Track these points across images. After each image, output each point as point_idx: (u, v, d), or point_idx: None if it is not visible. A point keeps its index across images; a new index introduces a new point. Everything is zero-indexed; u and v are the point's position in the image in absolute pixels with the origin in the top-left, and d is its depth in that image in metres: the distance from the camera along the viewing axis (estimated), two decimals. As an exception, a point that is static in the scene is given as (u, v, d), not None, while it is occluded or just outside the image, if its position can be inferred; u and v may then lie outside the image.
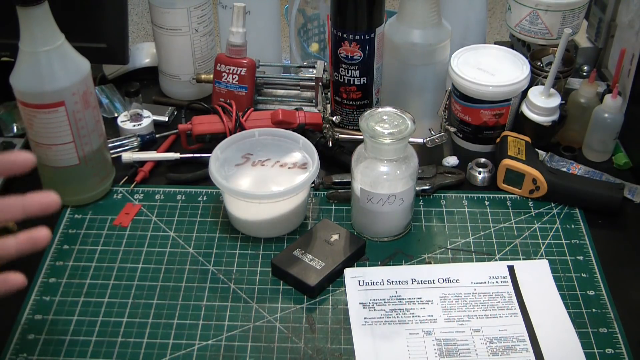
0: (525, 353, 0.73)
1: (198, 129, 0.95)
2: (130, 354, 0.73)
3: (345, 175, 0.93)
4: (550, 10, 1.01)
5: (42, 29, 0.78)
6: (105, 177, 0.91)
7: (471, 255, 0.84)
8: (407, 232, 0.87)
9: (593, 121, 0.96)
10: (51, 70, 0.79)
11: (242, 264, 0.83)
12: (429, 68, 0.95)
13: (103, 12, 0.98)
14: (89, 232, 0.87)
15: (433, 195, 0.92)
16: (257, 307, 0.78)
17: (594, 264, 0.83)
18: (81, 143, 0.85)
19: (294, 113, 0.98)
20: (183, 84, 1.08)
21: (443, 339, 0.74)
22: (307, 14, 1.20)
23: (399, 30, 0.94)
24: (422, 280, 0.80)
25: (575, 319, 0.76)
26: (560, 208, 0.90)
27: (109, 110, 1.07)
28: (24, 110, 0.82)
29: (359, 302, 0.78)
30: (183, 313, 0.77)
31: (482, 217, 0.89)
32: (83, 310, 0.77)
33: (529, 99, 0.94)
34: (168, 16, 1.02)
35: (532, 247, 0.85)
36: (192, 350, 0.73)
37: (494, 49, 0.99)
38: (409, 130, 0.79)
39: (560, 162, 0.95)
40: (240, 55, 1.00)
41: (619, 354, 0.73)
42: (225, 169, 0.86)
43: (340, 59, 0.95)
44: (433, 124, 0.97)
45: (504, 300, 0.78)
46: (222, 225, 0.88)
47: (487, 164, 0.95)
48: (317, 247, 0.82)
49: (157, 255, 0.84)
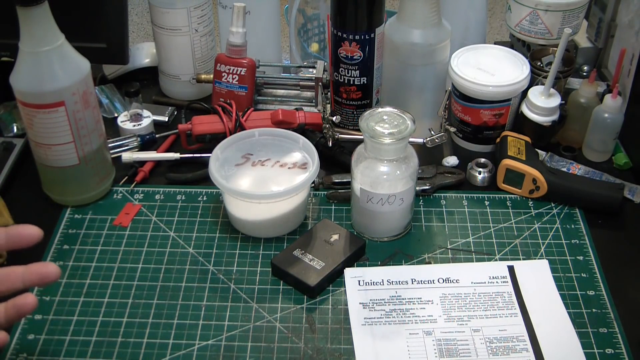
0: (525, 353, 0.73)
1: (198, 129, 0.95)
2: (130, 354, 0.73)
3: (345, 175, 0.93)
4: (550, 10, 1.01)
5: (42, 29, 0.77)
6: (105, 177, 0.91)
7: (471, 255, 0.84)
8: (407, 232, 0.87)
9: (593, 121, 0.96)
10: (51, 70, 0.79)
11: (242, 264, 0.83)
12: (429, 68, 0.95)
13: (103, 12, 0.98)
14: (89, 232, 0.87)
15: (433, 195, 0.92)
16: (257, 307, 0.78)
17: (594, 264, 0.83)
18: (81, 143, 0.85)
19: (294, 113, 0.98)
20: (183, 84, 1.08)
21: (443, 339, 0.74)
22: (307, 14, 1.21)
23: (399, 30, 0.94)
24: (422, 280, 0.80)
25: (575, 319, 0.76)
26: (560, 208, 0.90)
27: (109, 110, 1.07)
28: (24, 110, 0.82)
29: (359, 302, 0.78)
30: (183, 313, 0.77)
31: (482, 217, 0.89)
32: (83, 310, 0.77)
33: (529, 99, 0.94)
34: (168, 16, 1.02)
35: (532, 247, 0.85)
36: (192, 350, 0.73)
37: (494, 49, 0.99)
38: (409, 130, 0.79)
39: (560, 162, 0.95)
40: (240, 55, 1.00)
41: (619, 354, 0.73)
42: (225, 169, 0.86)
43: (340, 59, 0.95)
44: (433, 124, 0.97)
45: (504, 300, 0.78)
46: (222, 225, 0.88)
47: (487, 164, 0.95)
48: (317, 247, 0.82)
49: (157, 255, 0.84)
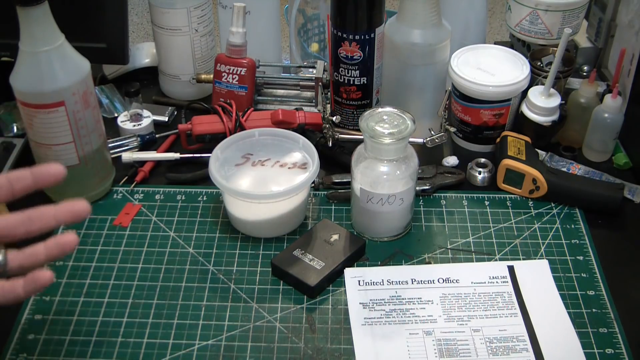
0: (525, 353, 0.73)
1: (198, 129, 0.95)
2: (130, 354, 0.73)
3: (345, 175, 0.93)
4: (550, 10, 1.01)
5: (42, 29, 0.77)
6: (105, 177, 0.91)
7: (471, 255, 0.84)
8: (407, 232, 0.87)
9: (593, 121, 0.96)
10: (51, 70, 0.79)
11: (242, 264, 0.83)
12: (429, 68, 0.95)
13: (103, 12, 0.98)
14: (89, 232, 0.87)
15: (433, 195, 0.92)
16: (257, 307, 0.78)
17: (594, 264, 0.83)
18: (81, 143, 0.85)
19: (294, 113, 0.98)
20: (183, 84, 1.08)
21: (443, 339, 0.74)
22: (307, 14, 1.21)
23: (399, 30, 0.94)
24: (422, 280, 0.80)
25: (575, 319, 0.76)
26: (560, 208, 0.90)
27: (109, 110, 1.07)
28: (24, 110, 0.82)
29: (359, 302, 0.78)
30: (183, 313, 0.77)
31: (482, 217, 0.89)
32: (83, 310, 0.77)
33: (529, 99, 0.94)
34: (168, 16, 1.02)
35: (532, 247, 0.85)
36: (192, 350, 0.73)
37: (494, 49, 0.99)
38: (409, 130, 0.79)
39: (560, 162, 0.95)
40: (240, 55, 1.00)
41: (619, 354, 0.73)
42: (225, 169, 0.86)
43: (340, 59, 0.95)
44: (433, 124, 0.97)
45: (504, 300, 0.78)
46: (222, 225, 0.88)
47: (487, 164, 0.95)
48: (317, 247, 0.82)
49: (157, 255, 0.84)
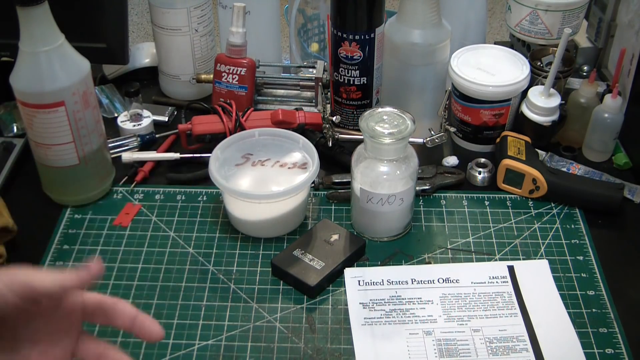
0: (525, 353, 0.73)
1: (198, 129, 0.95)
2: (130, 354, 0.72)
3: (345, 175, 0.93)
4: (550, 10, 1.01)
5: (42, 29, 0.77)
6: (105, 177, 0.91)
7: (471, 255, 0.84)
8: (407, 232, 0.87)
9: (593, 121, 0.96)
10: (51, 70, 0.79)
11: (242, 264, 0.83)
12: (429, 68, 0.95)
13: (103, 12, 0.98)
14: (89, 232, 0.87)
15: (433, 195, 0.92)
16: (257, 307, 0.78)
17: (594, 264, 0.83)
18: (81, 143, 0.85)
19: (294, 113, 0.98)
20: (183, 84, 1.08)
21: (443, 339, 0.74)
22: (307, 14, 1.20)
23: (399, 30, 0.94)
24: (422, 280, 0.80)
25: (575, 319, 0.76)
26: (560, 208, 0.90)
27: (109, 110, 1.07)
28: (24, 110, 0.82)
29: (359, 302, 0.78)
30: (183, 313, 0.77)
31: (482, 217, 0.89)
32: (83, 310, 0.77)
33: (529, 99, 0.94)
34: (168, 16, 1.02)
35: (532, 247, 0.85)
36: (192, 350, 0.73)
37: (494, 49, 0.99)
38: (409, 130, 0.79)
39: (560, 162, 0.95)
40: (240, 55, 1.00)
41: (619, 354, 0.73)
42: (225, 169, 0.86)
43: (340, 59, 0.95)
44: (433, 124, 0.97)
45: (504, 300, 0.78)
46: (222, 225, 0.88)
47: (487, 164, 0.95)
48: (317, 247, 0.82)
49: (157, 255, 0.84)
